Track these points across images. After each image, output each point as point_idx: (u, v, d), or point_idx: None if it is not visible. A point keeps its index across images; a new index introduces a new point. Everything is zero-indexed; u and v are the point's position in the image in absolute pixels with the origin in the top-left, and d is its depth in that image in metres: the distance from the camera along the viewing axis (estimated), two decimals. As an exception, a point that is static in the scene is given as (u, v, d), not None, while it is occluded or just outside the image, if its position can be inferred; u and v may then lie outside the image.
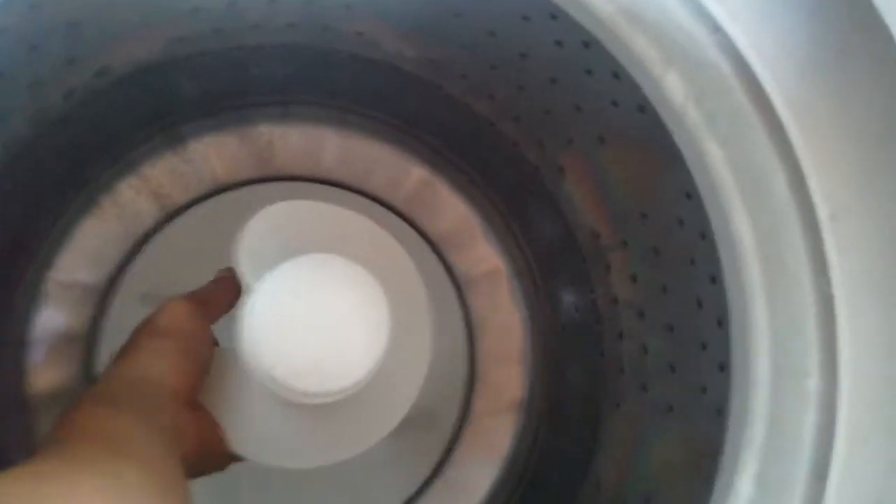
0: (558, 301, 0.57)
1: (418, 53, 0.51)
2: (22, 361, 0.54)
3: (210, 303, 0.44)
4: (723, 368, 0.37)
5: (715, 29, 0.32)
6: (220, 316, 0.45)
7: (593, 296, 0.53)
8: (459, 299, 0.61)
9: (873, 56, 0.29)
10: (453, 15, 0.45)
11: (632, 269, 0.48)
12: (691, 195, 0.37)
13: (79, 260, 0.56)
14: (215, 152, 0.59)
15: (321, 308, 0.40)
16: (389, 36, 0.50)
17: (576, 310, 0.56)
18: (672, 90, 0.33)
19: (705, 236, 0.38)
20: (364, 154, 0.60)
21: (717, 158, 0.33)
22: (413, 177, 0.60)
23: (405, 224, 0.61)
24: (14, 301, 0.53)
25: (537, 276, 0.59)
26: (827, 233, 0.29)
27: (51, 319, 0.55)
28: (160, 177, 0.59)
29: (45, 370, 0.55)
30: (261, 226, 0.43)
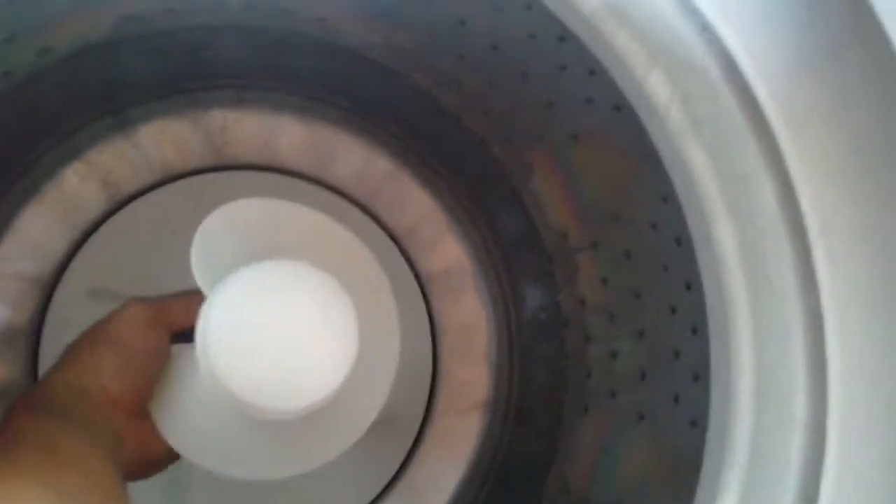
0: (524, 300, 0.57)
1: (384, 40, 0.50)
2: (-40, 357, 0.52)
3: (173, 312, 0.42)
4: (697, 378, 0.36)
5: (704, 28, 0.30)
6: (185, 327, 0.42)
7: (559, 297, 0.52)
8: (423, 297, 0.60)
9: (869, 58, 0.28)
10: (423, 1, 0.43)
11: (602, 272, 0.47)
12: (667, 199, 0.36)
13: (21, 250, 0.54)
14: (166, 137, 0.57)
15: (286, 321, 0.37)
16: (353, 21, 0.48)
17: (541, 310, 0.55)
18: (655, 91, 0.32)
19: (681, 242, 0.37)
20: (325, 143, 0.58)
21: (701, 164, 0.31)
22: (377, 168, 0.59)
23: (366, 217, 0.59)
24: (-49, 293, 0.51)
25: (503, 275, 0.58)
26: (817, 246, 0.28)
27: (-8, 313, 0.53)
28: (107, 162, 0.56)
29: (-14, 366, 0.53)
30: (216, 226, 0.40)
